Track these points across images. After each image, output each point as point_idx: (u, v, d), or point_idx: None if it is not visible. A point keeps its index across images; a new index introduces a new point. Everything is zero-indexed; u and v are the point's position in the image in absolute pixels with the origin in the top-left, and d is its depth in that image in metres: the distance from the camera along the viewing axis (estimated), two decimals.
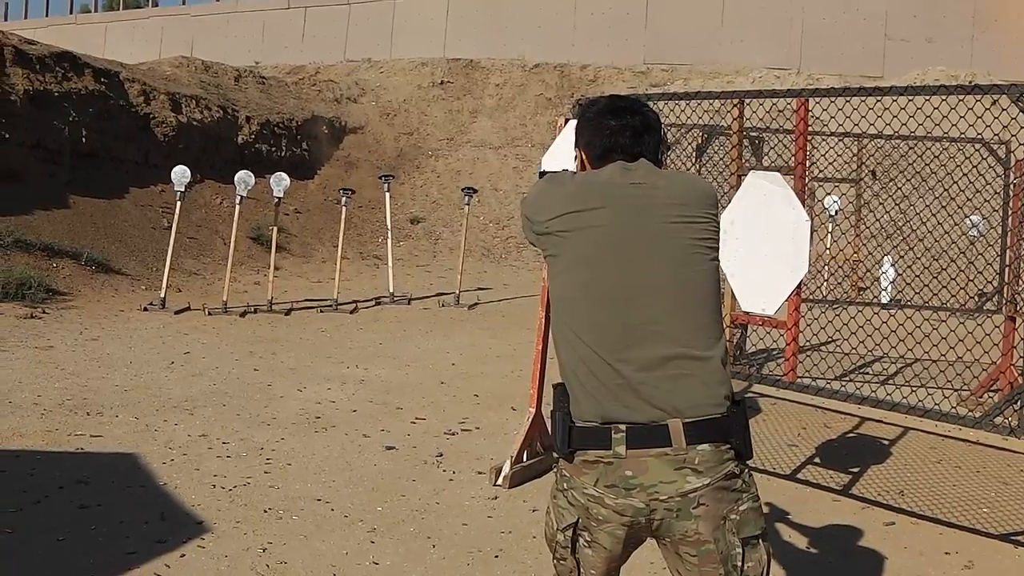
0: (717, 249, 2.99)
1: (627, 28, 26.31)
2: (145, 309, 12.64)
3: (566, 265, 2.93)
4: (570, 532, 2.85)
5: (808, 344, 8.43)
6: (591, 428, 2.80)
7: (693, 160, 10.41)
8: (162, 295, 12.96)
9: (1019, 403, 5.21)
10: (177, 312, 12.63)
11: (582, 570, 2.88)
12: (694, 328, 2.83)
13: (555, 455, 2.97)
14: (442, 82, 26.08)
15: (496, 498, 6.22)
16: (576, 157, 3.23)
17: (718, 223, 3.03)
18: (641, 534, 2.83)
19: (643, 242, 2.87)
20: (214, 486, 6.12)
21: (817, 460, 7.22)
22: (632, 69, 25.62)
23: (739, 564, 2.74)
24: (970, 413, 6.43)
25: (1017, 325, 7.98)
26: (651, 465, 2.72)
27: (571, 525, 2.85)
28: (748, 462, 2.86)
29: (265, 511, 5.75)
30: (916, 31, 23.55)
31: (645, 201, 2.93)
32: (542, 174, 3.62)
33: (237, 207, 13.90)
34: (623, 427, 2.75)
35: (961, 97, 5.99)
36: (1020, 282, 8.29)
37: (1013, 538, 5.80)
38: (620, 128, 3.07)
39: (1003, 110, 6.80)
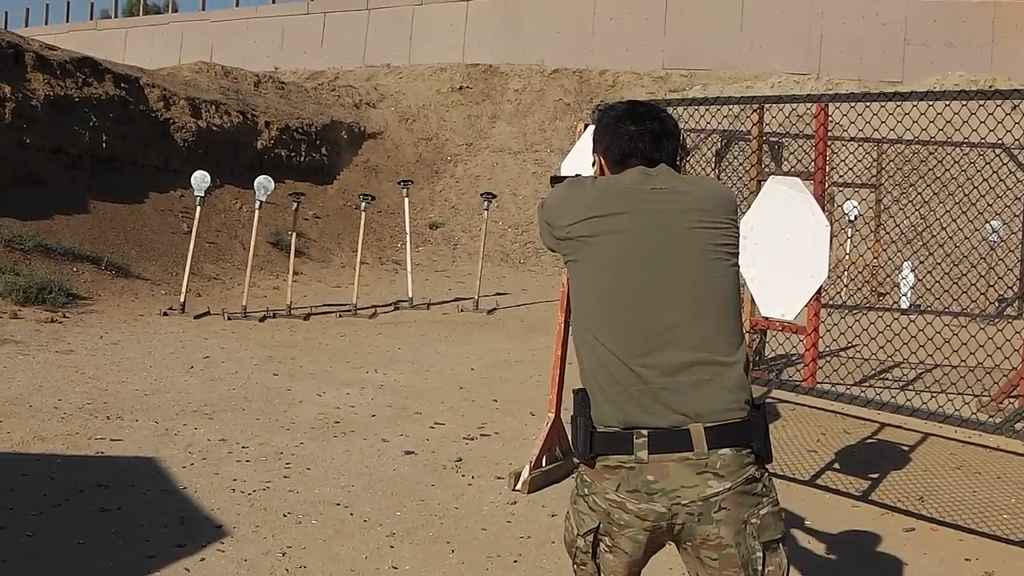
0: (737, 255, 3.00)
1: (646, 33, 26.28)
2: (165, 314, 12.69)
3: (588, 270, 2.93)
4: (591, 537, 2.86)
5: (827, 350, 8.41)
6: (613, 433, 2.80)
7: (712, 165, 10.39)
8: (182, 300, 13.01)
9: None
10: (197, 317, 12.67)
11: (602, 574, 2.88)
12: (716, 333, 2.84)
13: (576, 460, 2.98)
14: (461, 87, 26.08)
15: (515, 503, 6.22)
16: (594, 162, 3.23)
17: (738, 229, 3.03)
18: (662, 538, 2.83)
19: (665, 247, 2.88)
20: (233, 490, 6.15)
21: (836, 466, 7.20)
22: (651, 74, 25.58)
23: (759, 568, 2.76)
24: (990, 419, 6.41)
25: None
26: (673, 470, 2.73)
27: (592, 530, 2.85)
28: (768, 466, 2.86)
29: (284, 515, 5.77)
30: (935, 36, 23.46)
31: (667, 206, 2.93)
32: (554, 179, 3.63)
33: (257, 212, 13.95)
34: (645, 432, 2.75)
35: (981, 102, 5.96)
36: None
37: None
38: (639, 133, 3.07)
39: (1023, 115, 6.78)
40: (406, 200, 15.83)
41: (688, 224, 2.91)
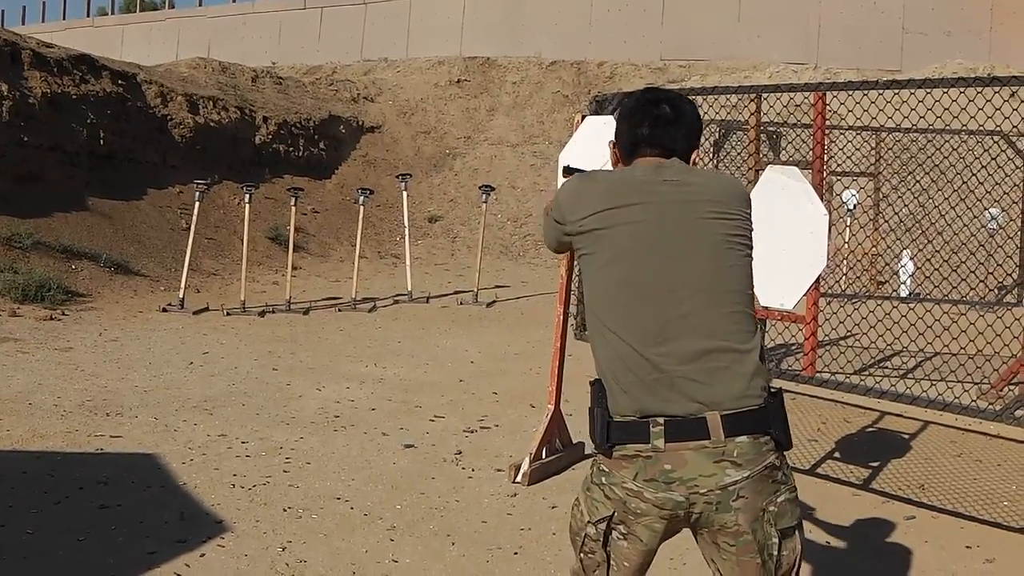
0: (750, 246, 3.02)
1: (644, 24, 26.28)
2: (164, 310, 12.68)
3: (603, 262, 2.94)
4: (603, 525, 2.86)
5: (827, 339, 8.40)
6: (629, 422, 2.80)
7: (711, 156, 10.38)
8: (181, 296, 12.99)
9: None
10: (196, 312, 12.66)
11: (613, 563, 2.88)
12: (731, 321, 2.85)
13: (593, 449, 2.98)
14: (459, 80, 26.06)
15: (515, 495, 6.21)
16: (612, 155, 3.23)
17: (751, 223, 3.05)
18: (678, 526, 2.84)
19: (679, 237, 2.88)
20: (233, 486, 6.14)
21: (837, 455, 7.20)
22: (649, 65, 25.58)
23: (775, 553, 2.77)
24: (990, 406, 6.41)
25: None
26: (690, 458, 2.72)
27: (605, 518, 2.85)
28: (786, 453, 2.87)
29: (285, 510, 5.76)
30: (934, 24, 23.45)
31: (679, 197, 2.94)
32: (567, 170, 3.62)
33: (247, 206, 13.93)
34: (661, 420, 2.75)
35: (979, 89, 5.95)
36: None
37: None
38: (649, 120, 3.09)
39: (1021, 102, 6.77)
40: (404, 194, 15.81)
41: (700, 214, 2.92)
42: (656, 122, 3.07)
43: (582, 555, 2.95)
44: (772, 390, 2.85)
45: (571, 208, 3.03)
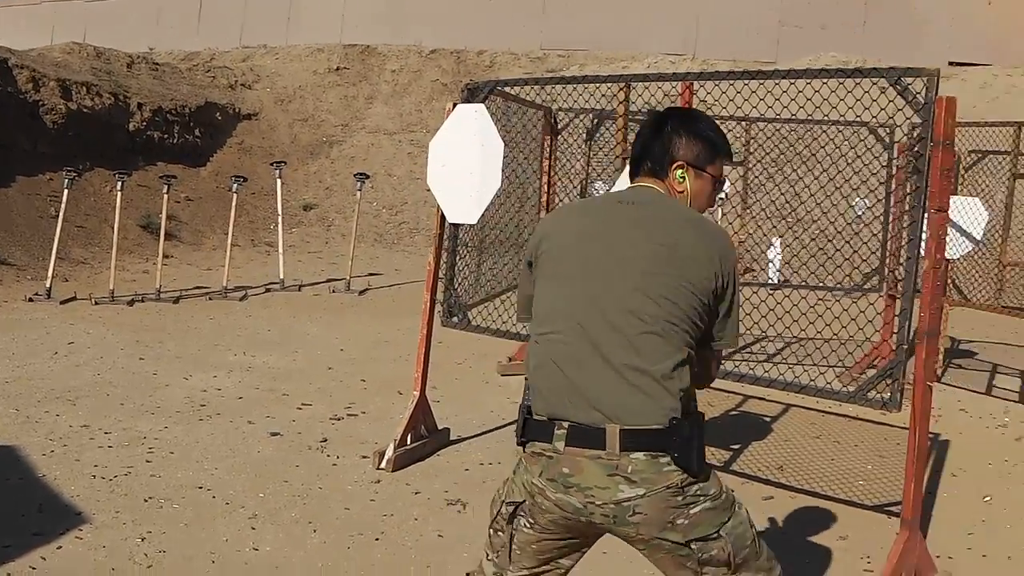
0: (693, 283, 2.87)
1: (524, 14, 26.38)
2: (30, 299, 12.42)
3: (543, 280, 3.05)
4: (512, 508, 2.96)
5: None
6: (541, 422, 2.89)
7: (584, 143, 10.47)
8: (48, 285, 12.73)
9: (892, 377, 5.32)
10: (63, 302, 12.41)
11: (515, 545, 2.98)
12: (648, 343, 2.82)
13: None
14: (338, 68, 25.90)
15: (379, 482, 6.24)
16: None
17: (712, 268, 2.91)
18: (589, 529, 2.90)
19: (614, 255, 2.93)
20: (94, 476, 6.07)
21: None
22: (529, 55, 25.71)
23: (693, 552, 2.79)
24: (845, 388, 6.57)
25: (896, 303, 8.18)
26: (585, 466, 2.78)
27: (516, 503, 2.95)
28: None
29: (146, 500, 5.71)
30: (809, 18, 23.90)
31: (630, 217, 3.00)
32: None
33: (119, 194, 13.72)
34: (565, 425, 2.82)
35: (841, 81, 6.08)
36: (899, 262, 8.49)
37: (887, 509, 5.95)
38: (637, 138, 3.25)
39: (881, 92, 6.92)
40: (279, 181, 15.68)
41: (644, 238, 2.93)
42: (642, 139, 3.20)
43: (491, 531, 3.06)
44: (689, 413, 2.85)
45: (535, 243, 3.13)
